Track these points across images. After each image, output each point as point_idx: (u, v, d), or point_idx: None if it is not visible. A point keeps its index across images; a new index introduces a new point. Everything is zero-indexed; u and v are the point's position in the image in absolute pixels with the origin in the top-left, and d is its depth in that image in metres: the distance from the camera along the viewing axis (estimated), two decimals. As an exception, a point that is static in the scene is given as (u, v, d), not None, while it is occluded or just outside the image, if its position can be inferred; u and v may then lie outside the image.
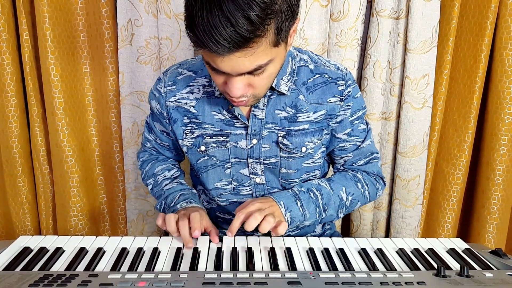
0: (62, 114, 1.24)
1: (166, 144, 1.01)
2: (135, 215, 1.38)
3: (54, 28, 1.18)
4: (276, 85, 0.84)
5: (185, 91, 0.91)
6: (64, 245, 0.80)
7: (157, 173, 1.01)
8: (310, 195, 0.89)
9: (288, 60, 0.86)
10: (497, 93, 1.22)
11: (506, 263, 0.76)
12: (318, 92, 0.88)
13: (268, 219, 0.77)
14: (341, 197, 0.92)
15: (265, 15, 0.63)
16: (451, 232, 1.35)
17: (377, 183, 0.99)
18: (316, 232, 1.04)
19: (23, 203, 1.37)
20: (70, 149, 1.28)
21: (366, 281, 0.64)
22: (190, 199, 0.92)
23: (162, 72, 0.95)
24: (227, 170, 0.93)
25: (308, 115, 0.88)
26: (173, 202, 0.92)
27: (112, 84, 1.30)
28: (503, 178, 1.26)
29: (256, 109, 0.86)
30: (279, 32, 0.67)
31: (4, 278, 0.63)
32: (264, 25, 0.63)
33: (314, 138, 0.90)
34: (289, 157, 0.90)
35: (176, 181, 0.99)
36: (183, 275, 0.65)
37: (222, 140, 0.90)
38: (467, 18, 1.22)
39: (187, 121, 0.91)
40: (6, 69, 1.22)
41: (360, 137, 0.96)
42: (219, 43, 0.63)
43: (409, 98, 1.23)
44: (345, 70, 0.91)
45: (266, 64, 0.70)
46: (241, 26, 0.61)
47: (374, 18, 1.18)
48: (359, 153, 0.97)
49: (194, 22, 0.64)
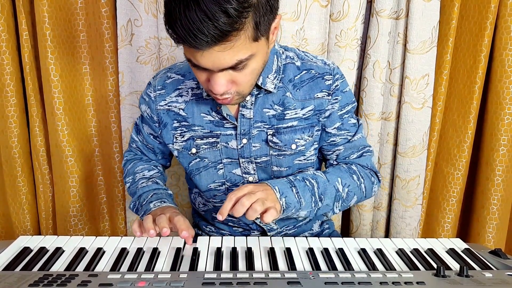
0: (62, 114, 1.24)
1: (151, 146, 1.01)
2: (135, 215, 1.38)
3: (54, 28, 1.18)
4: (262, 83, 0.84)
5: (174, 94, 0.91)
6: (63, 245, 0.80)
7: (137, 172, 1.00)
8: (306, 183, 0.86)
9: (273, 58, 0.86)
10: (496, 93, 1.22)
11: (506, 263, 0.76)
12: (306, 88, 0.88)
13: (255, 207, 0.73)
14: (337, 188, 0.89)
15: (242, 8, 0.64)
16: (450, 232, 1.35)
17: (372, 177, 0.97)
18: (314, 231, 1.03)
19: (23, 203, 1.37)
20: (70, 149, 1.28)
21: (366, 281, 0.64)
22: (164, 198, 0.91)
23: (152, 77, 0.95)
24: (220, 171, 0.93)
25: (296, 111, 0.88)
26: (146, 201, 0.91)
27: (112, 84, 1.30)
28: (503, 178, 1.26)
29: (244, 108, 0.87)
30: (258, 26, 0.68)
31: (4, 278, 0.63)
32: (241, 18, 0.64)
33: (304, 135, 0.90)
34: (280, 155, 0.90)
35: (152, 180, 0.98)
36: (182, 275, 0.65)
37: (212, 142, 0.90)
38: (467, 19, 1.22)
39: (177, 125, 0.91)
40: (5, 69, 1.22)
41: (351, 131, 0.95)
42: (197, 37, 0.64)
43: (408, 98, 1.23)
44: (332, 65, 0.91)
45: (247, 59, 0.70)
46: (219, 19, 0.62)
47: (374, 18, 1.18)
48: (351, 146, 0.96)
49: (172, 18, 0.65)
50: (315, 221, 1.03)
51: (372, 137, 1.27)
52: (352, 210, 1.39)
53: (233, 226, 1.00)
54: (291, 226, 0.99)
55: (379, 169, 1.34)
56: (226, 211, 0.74)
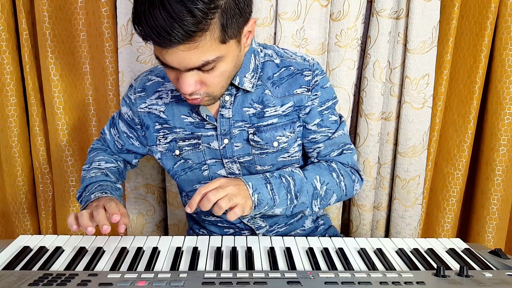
0: (62, 114, 1.24)
1: (122, 143, 0.99)
2: (135, 215, 1.38)
3: (54, 27, 1.18)
4: (240, 83, 0.84)
5: (154, 97, 0.90)
6: (63, 244, 0.80)
7: (95, 161, 0.98)
8: (282, 180, 0.84)
9: (250, 57, 0.85)
10: (496, 93, 1.22)
11: (506, 263, 0.76)
12: (285, 85, 0.88)
13: (220, 204, 0.71)
14: (315, 186, 0.87)
15: (208, 9, 0.63)
16: (450, 232, 1.35)
17: (352, 174, 0.95)
18: (306, 227, 1.02)
19: (23, 203, 1.37)
20: (70, 148, 1.28)
21: (366, 281, 0.64)
22: (107, 190, 0.87)
23: (134, 79, 0.95)
24: (204, 172, 0.92)
25: (276, 109, 0.87)
26: (89, 192, 0.88)
27: (112, 84, 1.30)
28: (503, 178, 1.26)
29: (223, 108, 0.86)
30: (225, 28, 0.68)
31: (3, 277, 0.63)
32: (207, 19, 0.64)
33: (285, 132, 0.89)
34: (262, 153, 0.89)
35: (103, 172, 0.95)
36: (182, 274, 0.65)
37: (195, 143, 0.89)
38: (467, 18, 1.22)
39: (159, 127, 0.91)
40: (5, 69, 1.22)
41: (332, 128, 0.93)
42: (161, 35, 0.64)
43: (409, 98, 1.23)
44: (312, 61, 0.90)
45: (214, 61, 0.70)
46: (183, 19, 0.62)
47: (374, 18, 1.18)
48: (331, 144, 0.94)
49: (138, 15, 0.65)
50: (307, 218, 1.02)
51: (372, 137, 1.27)
52: (352, 210, 1.39)
53: (223, 227, 0.99)
54: (282, 224, 0.98)
55: (379, 169, 1.34)
56: (195, 203, 0.73)
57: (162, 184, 1.37)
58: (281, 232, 0.99)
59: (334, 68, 1.21)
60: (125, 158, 1.03)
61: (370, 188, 1.33)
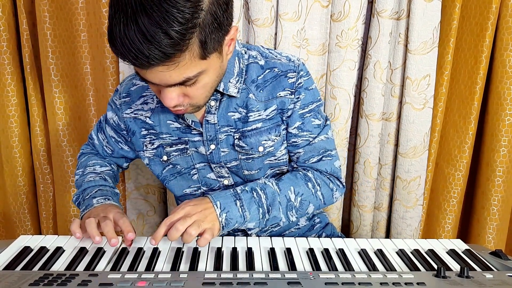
0: (62, 114, 1.25)
1: (111, 148, 0.99)
2: (135, 215, 1.38)
3: (55, 28, 1.18)
4: (224, 88, 0.82)
5: (139, 102, 0.89)
6: (64, 244, 0.80)
7: (88, 165, 0.97)
8: (253, 195, 0.83)
9: (234, 61, 0.83)
10: (497, 94, 1.22)
11: (506, 264, 0.76)
12: (269, 88, 0.86)
13: (189, 231, 0.72)
14: (289, 198, 0.86)
15: (185, 30, 0.60)
16: (451, 233, 1.35)
17: (331, 182, 0.93)
18: (301, 225, 1.01)
19: (23, 203, 1.37)
20: (71, 149, 1.28)
21: (366, 281, 0.64)
22: (109, 196, 0.88)
23: (119, 83, 0.94)
24: (194, 176, 0.92)
25: (260, 113, 0.86)
26: (89, 196, 0.87)
27: (113, 84, 1.30)
28: (503, 179, 1.26)
29: (208, 114, 0.85)
30: (204, 45, 0.65)
31: (4, 277, 0.63)
32: (184, 40, 0.61)
33: (271, 136, 0.87)
34: (248, 158, 0.88)
35: (101, 176, 0.94)
36: (183, 275, 0.65)
37: (182, 148, 0.88)
38: (468, 19, 1.22)
39: (145, 133, 0.90)
40: (6, 69, 1.23)
41: (313, 132, 0.90)
42: (138, 57, 0.61)
43: (409, 99, 1.22)
44: (297, 61, 0.87)
45: (196, 76, 0.68)
46: (159, 42, 0.59)
47: (374, 18, 1.18)
48: (311, 149, 0.91)
49: (112, 35, 0.61)
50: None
51: (372, 138, 1.27)
52: (353, 211, 1.39)
53: None
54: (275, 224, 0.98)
55: (380, 169, 1.34)
56: (160, 236, 0.74)
57: (163, 184, 1.37)
58: (275, 231, 0.99)
59: (335, 68, 1.21)
60: (116, 162, 1.03)
61: (371, 189, 1.33)
